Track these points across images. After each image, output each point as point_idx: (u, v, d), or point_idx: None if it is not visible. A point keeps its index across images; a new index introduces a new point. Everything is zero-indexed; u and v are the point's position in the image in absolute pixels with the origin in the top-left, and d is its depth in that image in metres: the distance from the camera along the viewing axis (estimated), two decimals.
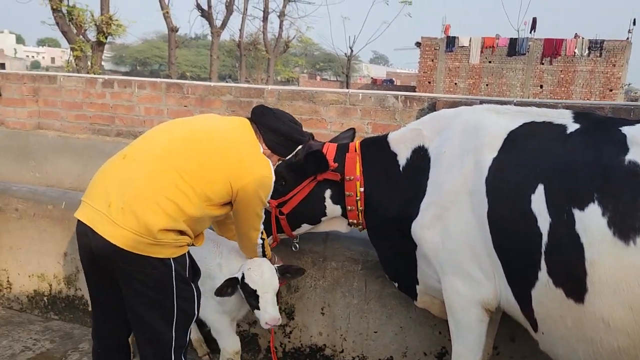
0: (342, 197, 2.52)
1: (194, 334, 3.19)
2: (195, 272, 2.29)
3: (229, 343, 2.73)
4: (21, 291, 3.73)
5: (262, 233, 2.46)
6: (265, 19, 22.01)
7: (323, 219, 2.64)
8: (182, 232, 2.11)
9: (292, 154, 2.55)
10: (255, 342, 3.18)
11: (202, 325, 3.18)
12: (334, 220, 2.66)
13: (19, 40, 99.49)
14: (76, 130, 5.59)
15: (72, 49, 12.41)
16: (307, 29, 23.04)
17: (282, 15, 22.18)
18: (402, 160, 2.42)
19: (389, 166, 2.45)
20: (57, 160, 5.26)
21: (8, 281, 3.76)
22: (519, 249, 1.93)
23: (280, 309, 3.06)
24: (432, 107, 3.92)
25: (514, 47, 23.62)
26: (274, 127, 2.39)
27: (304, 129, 2.60)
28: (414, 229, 2.28)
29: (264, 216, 2.37)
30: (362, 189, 2.48)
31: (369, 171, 2.49)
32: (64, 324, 3.56)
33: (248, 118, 2.43)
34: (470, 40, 24.20)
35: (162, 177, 2.08)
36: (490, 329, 2.29)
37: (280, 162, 2.56)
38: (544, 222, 1.85)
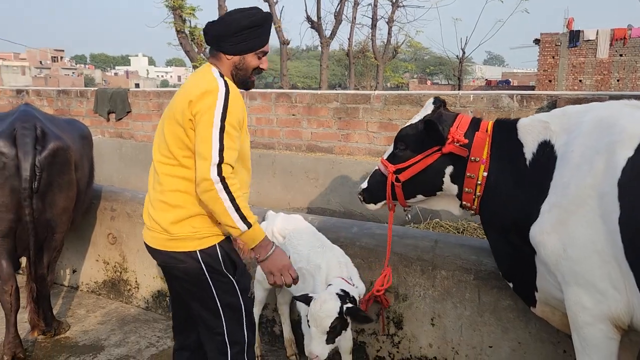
0: (462, 177, 2.38)
1: (286, 333, 3.24)
2: (236, 264, 2.25)
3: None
4: (147, 291, 4.04)
5: (249, 213, 2.06)
6: (373, 26, 21.99)
7: (438, 193, 2.52)
8: (199, 222, 2.15)
9: (419, 119, 2.50)
10: (363, 351, 3.13)
11: (295, 325, 3.22)
12: (447, 198, 2.53)
13: (151, 62, 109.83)
14: None
15: (194, 67, 13.37)
16: (416, 33, 22.65)
17: (390, 21, 22.02)
18: (528, 154, 2.23)
19: (515, 157, 2.27)
20: None
21: (136, 281, 4.09)
22: None
23: (387, 317, 3.00)
24: (553, 105, 3.60)
25: None
26: (223, 33, 2.13)
27: None
28: (533, 233, 2.09)
29: (217, 145, 2.00)
30: (485, 174, 2.32)
31: (495, 157, 2.32)
32: None
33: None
34: (597, 33, 22.21)
35: (153, 173, 2.25)
36: (628, 352, 2.03)
37: (404, 128, 2.55)
38: None
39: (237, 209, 2.01)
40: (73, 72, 71.14)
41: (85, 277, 4.41)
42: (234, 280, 2.23)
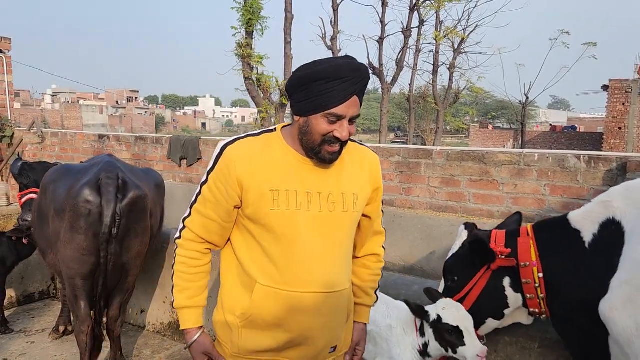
0: (521, 284, 2.38)
1: None
2: None
3: None
4: (210, 335, 4.15)
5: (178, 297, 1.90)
6: (435, 72, 22.13)
7: (506, 311, 2.48)
8: None
9: (459, 247, 2.51)
10: None
11: None
12: (516, 311, 2.50)
13: (217, 102, 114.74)
14: None
15: (259, 112, 13.90)
16: (478, 79, 22.47)
17: (452, 67, 22.08)
18: (587, 237, 2.20)
19: (571, 245, 2.25)
20: None
21: None
22: None
23: None
24: (623, 167, 3.50)
25: None
26: (288, 87, 1.80)
27: (474, 191, 2.54)
28: (602, 309, 2.03)
29: (188, 208, 1.88)
30: (540, 275, 2.31)
31: (547, 254, 2.32)
32: None
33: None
34: None
35: None
36: None
37: (448, 260, 2.55)
38: None
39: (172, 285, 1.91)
40: (145, 112, 75.35)
41: (152, 318, 4.60)
42: None
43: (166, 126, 71.83)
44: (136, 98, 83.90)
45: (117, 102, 77.13)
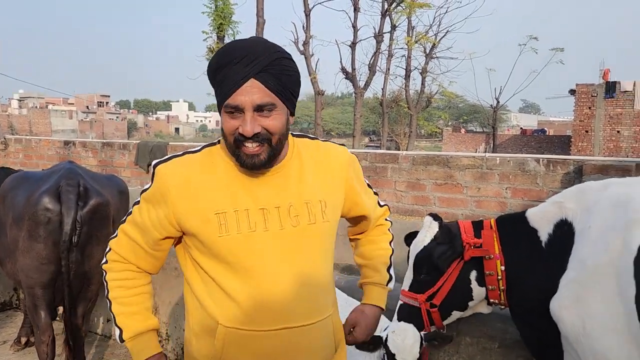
0: (484, 277, 2.42)
1: None
2: None
3: None
4: (177, 343, 4.11)
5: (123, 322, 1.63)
6: (407, 77, 22.41)
7: (470, 303, 2.53)
8: None
9: (431, 238, 2.49)
10: None
11: None
12: (478, 304, 2.56)
13: (191, 107, 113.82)
14: None
15: None
16: (449, 83, 22.85)
17: (424, 72, 22.41)
18: (543, 236, 2.28)
19: (530, 243, 2.32)
20: None
21: (167, 333, 4.18)
22: None
23: None
24: (579, 170, 3.61)
25: None
26: None
27: (439, 195, 2.53)
28: (552, 307, 2.10)
29: (115, 232, 1.68)
30: (502, 268, 2.36)
31: (509, 249, 2.38)
32: None
33: None
34: (634, 85, 21.97)
35: None
36: None
37: (418, 254, 2.48)
38: None
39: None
40: (117, 117, 74.22)
41: None
42: None
43: (138, 131, 70.87)
44: (107, 103, 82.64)
45: (87, 107, 75.82)
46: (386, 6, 19.88)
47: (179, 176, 1.49)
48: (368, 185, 1.85)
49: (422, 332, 2.42)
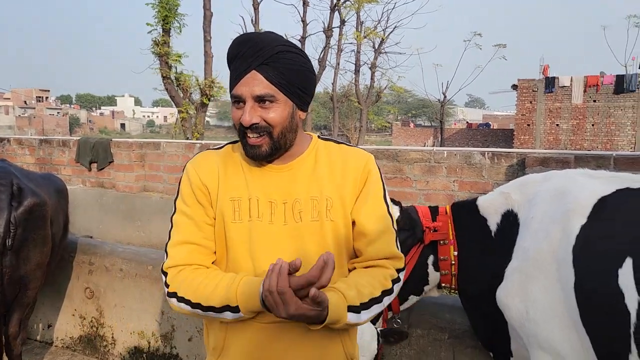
0: (438, 261, 2.46)
1: None
2: None
3: None
4: (124, 347, 3.96)
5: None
6: (357, 71, 22.59)
7: (426, 288, 2.55)
8: None
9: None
10: None
11: None
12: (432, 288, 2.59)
13: (137, 102, 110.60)
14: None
15: (179, 112, 13.50)
16: (398, 78, 23.20)
17: (373, 67, 22.64)
18: (492, 225, 2.34)
19: (480, 231, 2.37)
20: (160, 220, 5.65)
21: (113, 337, 4.02)
22: (606, 327, 1.76)
23: None
24: (522, 163, 3.73)
25: (622, 84, 22.10)
26: None
27: (389, 188, 2.43)
28: (498, 296, 2.16)
29: (165, 257, 1.60)
30: (455, 253, 2.41)
31: (461, 235, 2.43)
32: None
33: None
34: (571, 80, 23.04)
35: None
36: None
37: None
38: (631, 300, 1.69)
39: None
40: (58, 112, 71.19)
41: (61, 333, 4.32)
42: None
43: (81, 127, 68.25)
44: (47, 98, 79.02)
45: (25, 102, 72.28)
46: (335, 1, 19.93)
47: (203, 163, 1.58)
48: (389, 214, 1.63)
49: (379, 329, 2.44)
